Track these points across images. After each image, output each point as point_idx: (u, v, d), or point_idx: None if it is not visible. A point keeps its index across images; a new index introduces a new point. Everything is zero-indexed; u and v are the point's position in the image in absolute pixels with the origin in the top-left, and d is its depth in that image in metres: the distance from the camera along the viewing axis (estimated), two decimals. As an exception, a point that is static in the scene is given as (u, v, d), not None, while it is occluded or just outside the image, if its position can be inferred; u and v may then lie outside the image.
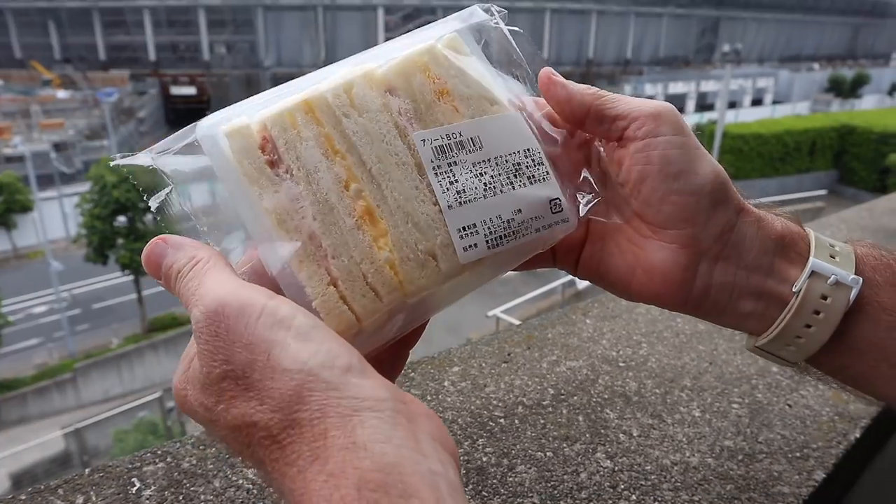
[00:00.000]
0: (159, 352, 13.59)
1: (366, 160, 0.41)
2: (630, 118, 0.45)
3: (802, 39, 54.65)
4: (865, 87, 40.80)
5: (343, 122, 0.42)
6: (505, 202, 0.44)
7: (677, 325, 1.03)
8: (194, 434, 0.70)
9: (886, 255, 0.48)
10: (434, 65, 0.45)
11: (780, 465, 0.72)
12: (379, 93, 0.43)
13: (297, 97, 0.42)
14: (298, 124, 0.41)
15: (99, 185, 14.59)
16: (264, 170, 0.40)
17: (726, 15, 48.73)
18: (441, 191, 0.43)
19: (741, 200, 0.47)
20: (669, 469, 0.70)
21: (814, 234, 0.48)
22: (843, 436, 0.79)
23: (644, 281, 0.47)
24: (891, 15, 60.55)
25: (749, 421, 0.79)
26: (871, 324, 0.45)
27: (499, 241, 0.44)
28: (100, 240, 14.75)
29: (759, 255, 0.46)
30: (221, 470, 0.65)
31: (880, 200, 2.04)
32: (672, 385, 0.86)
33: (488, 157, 0.44)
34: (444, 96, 0.45)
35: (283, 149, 0.41)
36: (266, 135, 0.41)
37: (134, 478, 0.62)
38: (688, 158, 0.45)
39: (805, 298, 0.45)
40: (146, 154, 0.43)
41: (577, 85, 0.47)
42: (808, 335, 0.46)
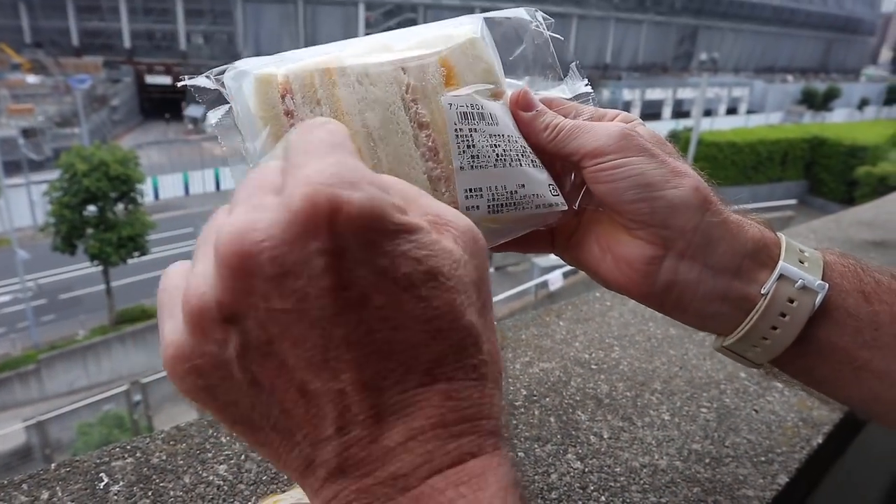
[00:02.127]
0: (127, 344, 13.35)
1: (369, 123, 0.44)
2: (580, 154, 0.48)
3: (777, 51, 55.63)
4: (836, 100, 41.70)
5: (356, 88, 0.45)
6: (512, 174, 0.47)
7: (649, 329, 1.05)
8: (164, 429, 0.70)
9: (854, 263, 0.49)
10: (448, 52, 0.47)
11: (746, 468, 0.74)
12: (393, 66, 0.46)
13: (320, 59, 0.46)
14: (316, 83, 0.44)
15: (69, 173, 14.27)
16: (280, 117, 0.44)
17: (704, 24, 49.39)
18: (457, 152, 0.45)
19: (710, 201, 0.48)
20: (638, 471, 0.71)
21: (785, 239, 0.50)
22: (806, 441, 0.81)
23: (612, 269, 0.50)
24: (861, 32, 62.00)
25: (717, 425, 0.81)
26: (836, 328, 0.47)
27: (500, 208, 0.47)
28: (68, 229, 14.43)
29: (727, 257, 0.47)
30: (192, 466, 0.65)
31: (848, 212, 2.09)
32: (643, 388, 0.87)
33: (502, 133, 0.48)
34: (450, 83, 0.47)
35: (300, 101, 0.44)
36: (287, 87, 0.44)
37: (102, 473, 0.62)
38: (638, 174, 0.47)
39: (772, 300, 0.47)
40: (205, 77, 0.46)
41: (536, 121, 0.49)
42: (774, 337, 0.47)
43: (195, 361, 0.26)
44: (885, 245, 1.73)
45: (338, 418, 0.26)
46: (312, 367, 0.25)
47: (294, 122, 0.44)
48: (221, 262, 0.25)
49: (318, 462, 0.26)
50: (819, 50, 59.46)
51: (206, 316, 0.26)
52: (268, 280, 0.24)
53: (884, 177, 20.58)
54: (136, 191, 15.14)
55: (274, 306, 0.25)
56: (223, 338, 0.26)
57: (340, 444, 0.26)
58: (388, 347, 0.26)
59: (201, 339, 0.26)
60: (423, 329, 0.26)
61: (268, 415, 0.27)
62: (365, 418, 0.26)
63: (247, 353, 0.26)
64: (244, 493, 0.62)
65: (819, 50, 59.46)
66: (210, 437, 0.69)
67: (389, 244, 0.26)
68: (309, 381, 0.26)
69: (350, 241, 0.25)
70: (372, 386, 0.26)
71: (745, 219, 0.50)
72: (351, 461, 0.26)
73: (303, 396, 0.26)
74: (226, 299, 0.25)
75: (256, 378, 0.26)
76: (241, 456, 0.67)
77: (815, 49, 59.03)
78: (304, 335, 0.25)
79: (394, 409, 0.26)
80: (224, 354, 0.26)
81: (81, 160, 14.30)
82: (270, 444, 0.28)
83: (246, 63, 0.45)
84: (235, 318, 0.25)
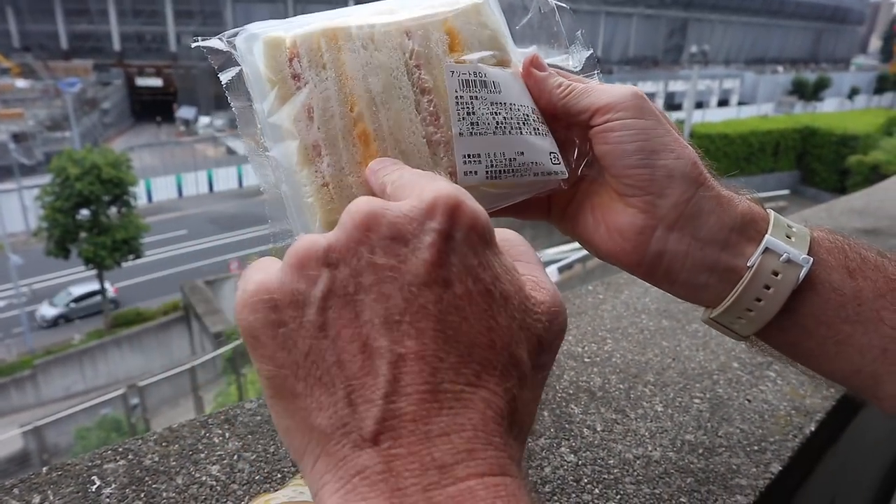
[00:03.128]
0: (123, 348, 13.33)
1: (372, 88, 0.45)
2: (591, 110, 0.49)
3: (767, 42, 55.75)
4: (827, 90, 41.83)
5: (361, 53, 0.45)
6: (511, 142, 0.48)
7: (642, 321, 1.05)
8: (156, 430, 0.69)
9: (842, 239, 0.50)
10: (453, 18, 0.48)
11: (739, 458, 0.74)
12: (398, 32, 0.46)
13: (327, 23, 0.46)
14: (322, 48, 0.45)
15: (61, 177, 14.21)
16: (287, 80, 0.45)
17: (694, 16, 49.45)
18: (457, 119, 0.46)
19: (705, 176, 0.49)
20: (632, 463, 0.71)
21: (774, 215, 0.51)
22: (798, 430, 0.81)
23: (605, 238, 0.51)
24: (850, 21, 62.16)
25: (710, 415, 0.81)
26: (820, 302, 0.47)
27: (498, 174, 0.47)
28: (61, 233, 14.38)
29: (716, 230, 0.48)
30: (184, 467, 0.65)
31: (839, 201, 2.09)
32: (636, 380, 0.87)
33: (504, 101, 0.48)
34: (455, 48, 0.48)
35: (307, 65, 0.45)
36: (295, 50, 0.45)
37: (94, 476, 0.61)
38: (644, 138, 0.48)
39: (757, 273, 0.48)
40: (218, 39, 0.47)
41: (550, 79, 0.50)
42: (758, 308, 0.48)
43: (275, 294, 0.29)
44: (877, 232, 1.74)
45: (389, 383, 0.27)
46: (385, 325, 0.27)
47: (300, 86, 0.45)
48: (349, 216, 0.29)
49: (353, 425, 0.26)
50: (808, 40, 59.63)
51: (310, 254, 0.29)
52: (381, 238, 0.29)
53: (875, 165, 20.67)
54: (129, 193, 15.09)
55: (376, 260, 0.28)
56: (315, 276, 0.28)
57: (384, 410, 0.26)
58: (454, 333, 0.28)
59: (293, 277, 0.29)
60: (484, 333, 0.28)
61: (320, 363, 0.28)
62: (414, 393, 0.26)
63: (330, 297, 0.28)
64: (237, 493, 0.62)
65: (808, 40, 59.63)
66: (203, 438, 0.69)
67: (483, 250, 0.30)
68: (375, 337, 0.27)
69: (458, 231, 0.29)
70: (430, 363, 0.27)
71: (736, 194, 0.51)
72: (389, 432, 0.26)
73: (363, 352, 0.27)
74: (338, 243, 0.29)
75: (327, 323, 0.28)
76: (234, 456, 0.67)
77: (804, 39, 59.18)
78: (390, 293, 0.28)
79: (443, 396, 0.27)
80: (308, 293, 0.28)
81: (73, 164, 14.23)
82: (308, 397, 0.28)
83: (257, 26, 0.46)
84: (335, 263, 0.28)
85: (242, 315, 0.29)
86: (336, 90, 0.45)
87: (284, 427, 0.29)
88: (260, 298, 0.29)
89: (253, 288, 0.29)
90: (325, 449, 0.27)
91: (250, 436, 0.70)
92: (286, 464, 0.66)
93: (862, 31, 73.61)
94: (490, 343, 0.28)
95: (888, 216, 1.88)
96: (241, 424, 0.72)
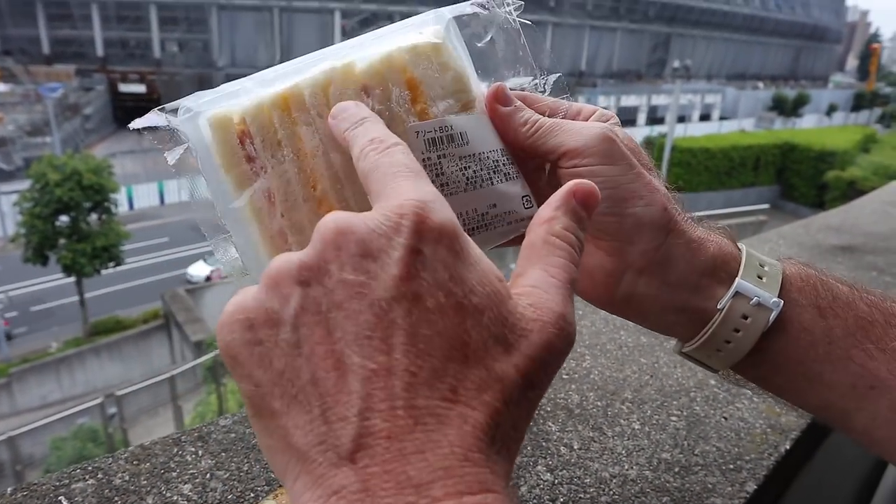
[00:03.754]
0: (102, 356, 13.11)
1: (334, 163, 0.43)
2: (558, 153, 0.47)
3: (748, 58, 56.59)
4: (806, 106, 42.52)
5: (316, 122, 0.43)
6: (483, 196, 0.46)
7: (620, 337, 1.05)
8: (127, 448, 0.68)
9: (815, 276, 0.50)
10: (412, 66, 0.46)
11: (715, 476, 0.74)
12: (355, 92, 0.44)
13: (276, 90, 0.43)
14: (275, 124, 0.43)
15: (41, 183, 14.02)
16: (241, 164, 0.43)
17: (677, 32, 50.10)
18: None
19: (675, 222, 0.48)
20: (608, 482, 0.71)
21: (746, 254, 0.51)
22: (774, 448, 0.81)
23: None
24: (829, 40, 63.33)
25: (686, 433, 0.82)
26: (790, 342, 0.48)
27: (471, 232, 0.46)
28: (40, 240, 14.16)
29: (685, 275, 0.48)
30: (155, 486, 0.63)
31: (816, 217, 2.12)
32: (613, 398, 0.88)
33: (473, 153, 0.46)
34: (417, 100, 0.45)
35: (260, 146, 0.43)
36: (245, 129, 0.43)
37: (61, 496, 0.60)
38: (613, 185, 0.47)
39: (727, 317, 0.48)
40: (156, 114, 0.44)
41: (515, 116, 0.48)
42: (728, 349, 0.49)
43: (251, 314, 0.29)
44: (852, 249, 1.76)
45: (362, 399, 0.26)
46: (356, 342, 0.27)
47: (256, 170, 0.43)
48: (318, 234, 0.30)
49: (330, 443, 0.26)
50: (788, 57, 60.64)
51: (283, 273, 0.29)
52: (350, 255, 0.29)
53: (852, 181, 21.02)
54: (110, 200, 14.92)
55: (346, 277, 0.28)
56: (288, 294, 0.29)
57: (359, 427, 0.26)
58: (426, 348, 0.27)
59: (268, 295, 0.29)
60: (458, 348, 0.28)
61: (295, 381, 0.28)
62: (387, 409, 0.26)
63: (303, 314, 0.28)
64: (209, 514, 0.61)
65: (788, 57, 60.64)
66: (175, 456, 0.68)
67: (453, 262, 0.30)
68: (348, 354, 0.27)
69: (426, 245, 0.29)
70: (402, 378, 0.27)
71: (710, 234, 0.51)
72: (366, 450, 0.26)
73: (337, 368, 0.27)
74: (309, 260, 0.29)
75: (300, 340, 0.28)
76: (207, 475, 0.66)
77: (784, 56, 60.18)
78: (360, 310, 0.28)
79: (417, 413, 0.26)
80: (281, 311, 0.29)
81: (53, 170, 14.06)
82: (286, 416, 0.28)
83: (197, 99, 0.43)
84: (307, 281, 0.29)
85: (221, 335, 0.30)
86: (296, 172, 0.43)
87: (266, 446, 0.29)
88: (236, 318, 0.29)
89: (231, 308, 0.30)
90: (304, 467, 0.27)
91: (224, 453, 0.69)
92: (259, 483, 0.65)
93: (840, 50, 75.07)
94: (463, 357, 0.28)
95: (863, 233, 1.91)
96: (215, 442, 0.71)
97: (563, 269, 0.33)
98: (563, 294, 0.32)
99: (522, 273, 0.33)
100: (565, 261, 0.34)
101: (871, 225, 2.01)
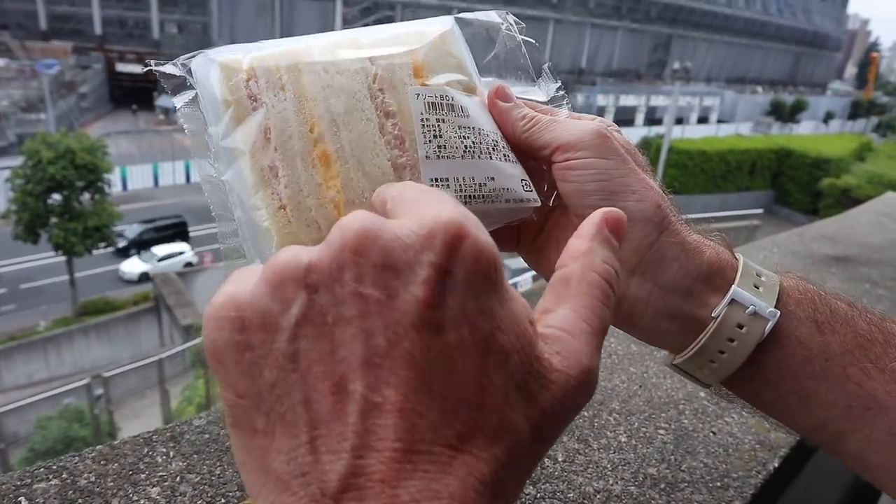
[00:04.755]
0: (90, 336, 13.05)
1: (333, 109, 0.43)
2: (553, 146, 0.47)
3: (748, 63, 56.64)
4: (803, 113, 42.63)
5: (321, 75, 0.44)
6: (481, 167, 0.46)
7: (610, 345, 1.03)
8: (95, 447, 0.66)
9: (813, 289, 0.48)
10: (419, 49, 0.46)
11: (701, 494, 0.73)
12: (361, 59, 0.45)
13: (288, 46, 0.45)
14: (282, 70, 0.43)
15: (34, 160, 13.90)
16: (243, 100, 0.43)
17: (678, 33, 50.06)
18: (423, 141, 0.44)
19: (669, 220, 0.47)
20: (592, 497, 0.69)
21: (743, 262, 0.49)
22: (762, 465, 0.80)
23: None
24: (828, 47, 63.46)
25: (674, 448, 0.80)
26: (785, 356, 0.46)
27: (468, 199, 0.45)
28: (31, 217, 14.05)
29: (679, 277, 0.47)
30: (122, 488, 0.61)
31: (811, 226, 2.11)
32: (601, 408, 0.86)
33: (473, 126, 0.46)
34: (419, 76, 0.46)
35: (264, 86, 0.43)
36: (252, 72, 0.43)
37: (21, 497, 0.58)
38: (605, 178, 0.46)
39: (721, 325, 0.46)
40: (172, 65, 0.45)
41: (514, 111, 0.49)
42: (721, 360, 0.47)
43: (245, 313, 0.25)
44: (847, 260, 1.75)
45: (358, 435, 0.23)
46: (362, 367, 0.24)
47: (257, 106, 0.43)
48: (339, 232, 0.26)
49: (314, 476, 0.23)
50: (788, 63, 60.73)
51: (288, 271, 0.25)
52: (371, 265, 0.25)
53: (847, 189, 21.11)
54: (104, 180, 14.81)
55: (362, 290, 0.25)
56: (290, 298, 0.25)
57: (350, 465, 0.23)
58: (439, 387, 0.24)
59: (267, 294, 0.25)
60: (474, 391, 0.25)
61: (285, 399, 0.24)
62: (385, 450, 0.23)
63: (304, 325, 0.25)
64: (177, 520, 0.58)
65: (788, 63, 60.73)
66: (145, 457, 0.65)
67: (485, 293, 0.26)
68: (351, 379, 0.24)
69: (458, 268, 0.25)
70: (408, 418, 0.24)
71: (705, 239, 0.49)
72: (353, 491, 0.23)
73: (335, 394, 0.24)
74: (321, 263, 0.25)
75: (297, 355, 0.25)
76: (177, 477, 0.63)
77: (784, 62, 60.27)
78: (373, 331, 0.24)
79: (417, 458, 0.23)
80: (279, 317, 0.25)
81: (47, 147, 13.94)
82: (268, 436, 0.25)
83: (216, 51, 0.45)
84: (315, 286, 0.25)
85: (207, 330, 0.26)
86: (294, 111, 0.43)
87: (240, 461, 0.26)
88: (227, 315, 0.25)
89: (221, 301, 0.26)
90: (280, 498, 0.24)
91: (196, 455, 0.67)
92: (231, 488, 0.63)
93: (839, 58, 75.26)
94: (479, 403, 0.25)
95: (858, 244, 1.90)
96: (188, 443, 0.68)
97: (597, 315, 0.30)
98: (593, 344, 0.29)
99: (551, 311, 0.30)
100: (601, 304, 0.30)
101: (866, 236, 2.00)
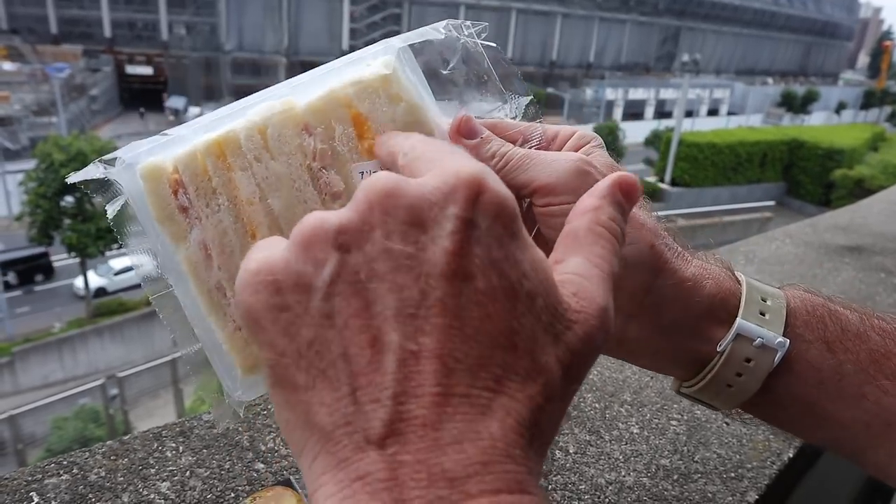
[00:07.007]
0: (104, 337, 13.17)
1: (273, 207, 0.41)
2: (530, 189, 0.43)
3: (758, 54, 56.20)
4: (815, 103, 42.25)
5: (254, 167, 0.41)
6: None
7: (621, 336, 1.03)
8: (106, 442, 0.66)
9: (822, 304, 0.46)
10: (357, 101, 0.42)
11: (715, 485, 0.72)
12: (295, 132, 0.41)
13: (210, 136, 0.41)
14: (209, 171, 0.40)
15: (46, 163, 14.04)
16: (175, 216, 0.41)
17: (687, 25, 49.75)
18: None
19: (664, 260, 0.44)
20: (604, 489, 0.68)
21: (746, 288, 0.46)
22: (777, 455, 0.79)
23: None
24: (839, 36, 62.83)
25: (686, 439, 0.79)
26: (797, 380, 0.44)
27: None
28: (45, 219, 14.20)
29: (680, 318, 0.45)
30: (132, 483, 0.61)
31: (824, 217, 2.09)
32: (612, 399, 0.85)
33: None
34: (364, 136, 0.42)
35: (194, 196, 0.40)
36: (178, 178, 0.41)
37: (33, 492, 0.58)
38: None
39: (728, 360, 0.44)
40: (95, 167, 0.41)
41: (482, 149, 0.44)
42: (730, 393, 0.45)
43: (279, 276, 0.26)
44: (860, 249, 1.73)
45: (398, 382, 0.24)
46: (397, 318, 0.25)
47: (191, 221, 0.40)
48: (364, 194, 0.27)
49: (358, 425, 0.24)
50: (798, 53, 60.18)
51: (319, 234, 0.26)
52: (399, 223, 0.26)
53: (860, 179, 20.90)
54: (115, 182, 14.89)
55: (392, 246, 0.26)
56: (323, 258, 0.26)
57: (392, 412, 0.24)
58: (473, 332, 0.25)
59: (299, 257, 0.26)
60: (506, 335, 0.26)
61: (324, 354, 0.25)
62: (425, 395, 0.24)
63: (337, 283, 0.26)
64: (186, 514, 0.58)
65: (798, 53, 60.18)
66: (154, 452, 0.65)
67: (508, 241, 0.27)
68: (387, 331, 0.25)
69: (481, 219, 0.26)
70: (446, 362, 0.24)
71: (705, 267, 0.46)
72: (396, 436, 0.24)
73: (372, 346, 0.25)
74: (351, 224, 0.26)
75: (333, 311, 0.25)
76: (187, 472, 0.63)
77: (794, 52, 59.74)
78: (406, 283, 0.25)
79: (457, 401, 0.24)
80: (314, 277, 0.26)
81: (58, 150, 14.07)
82: (310, 391, 0.25)
83: (134, 154, 0.41)
84: (346, 246, 0.26)
85: (243, 296, 0.27)
86: (232, 221, 0.41)
87: (284, 419, 0.27)
88: (262, 279, 0.26)
89: (255, 267, 0.27)
90: (326, 448, 0.25)
91: (205, 450, 0.67)
92: (240, 482, 0.63)
93: (850, 47, 74.45)
94: (512, 345, 0.26)
95: (871, 233, 1.88)
96: (197, 437, 0.68)
97: (606, 261, 0.30)
98: (606, 285, 0.30)
99: (563, 260, 0.30)
100: (609, 252, 0.31)
101: (880, 225, 1.98)
